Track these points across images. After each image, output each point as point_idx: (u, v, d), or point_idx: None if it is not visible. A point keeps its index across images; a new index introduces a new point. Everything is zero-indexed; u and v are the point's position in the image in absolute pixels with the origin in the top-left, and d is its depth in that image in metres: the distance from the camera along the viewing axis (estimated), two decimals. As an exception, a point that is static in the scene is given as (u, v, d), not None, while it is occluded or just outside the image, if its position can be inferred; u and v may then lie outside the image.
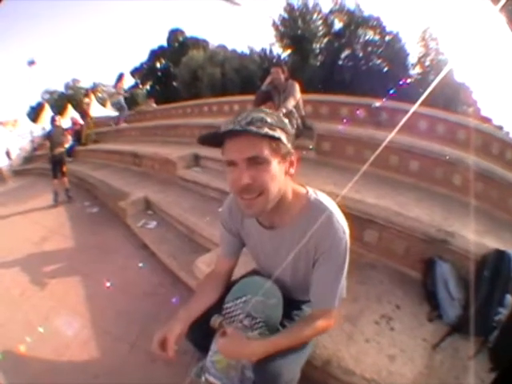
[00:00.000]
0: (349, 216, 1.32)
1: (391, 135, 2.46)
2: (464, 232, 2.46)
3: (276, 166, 1.17)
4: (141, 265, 3.80)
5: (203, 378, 1.38)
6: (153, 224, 4.60)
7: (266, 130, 1.12)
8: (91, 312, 3.19)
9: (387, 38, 19.88)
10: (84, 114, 11.25)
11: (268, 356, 1.24)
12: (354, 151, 4.32)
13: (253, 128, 1.10)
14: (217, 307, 1.47)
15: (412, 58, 20.22)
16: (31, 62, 14.54)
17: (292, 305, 1.55)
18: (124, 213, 5.03)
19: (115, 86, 10.55)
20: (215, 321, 1.33)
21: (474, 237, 2.43)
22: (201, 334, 1.41)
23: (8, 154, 13.71)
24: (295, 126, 4.53)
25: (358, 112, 5.50)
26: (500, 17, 1.25)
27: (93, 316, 3.13)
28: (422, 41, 20.06)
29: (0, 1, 1.63)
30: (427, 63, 19.96)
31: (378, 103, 5.39)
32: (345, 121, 5.34)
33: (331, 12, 20.94)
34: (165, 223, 4.58)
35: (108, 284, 3.55)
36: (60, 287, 3.67)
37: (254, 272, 1.70)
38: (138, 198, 5.18)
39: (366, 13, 20.21)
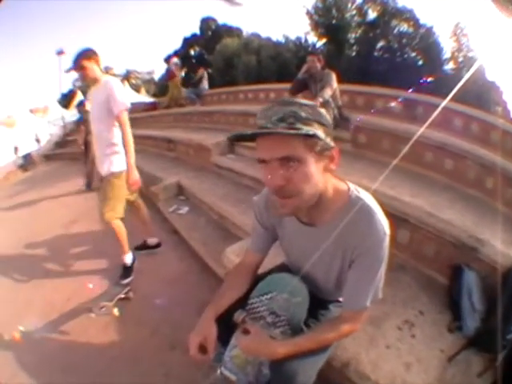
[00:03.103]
0: (385, 213, 1.26)
1: (421, 130, 2.42)
2: (494, 241, 2.36)
3: (312, 165, 1.10)
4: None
5: (218, 371, 1.38)
6: (184, 210, 4.65)
7: (298, 126, 1.06)
8: None
9: (421, 30, 19.82)
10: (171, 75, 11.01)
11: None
12: (390, 145, 4.21)
13: (285, 126, 1.05)
14: (241, 301, 1.47)
15: (447, 53, 19.95)
16: (60, 52, 14.79)
17: (319, 304, 1.53)
18: (156, 197, 5.08)
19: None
20: (238, 316, 1.33)
21: (503, 247, 2.34)
22: (222, 327, 1.39)
23: (37, 140, 14.08)
24: (332, 117, 4.44)
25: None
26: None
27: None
28: (454, 36, 19.69)
29: (0, 0, 1.64)
30: (460, 59, 19.59)
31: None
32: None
33: (365, 1, 21.10)
34: (197, 209, 4.61)
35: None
36: (85, 270, 3.72)
37: (283, 267, 1.67)
38: (170, 183, 5.25)
39: (400, 4, 20.22)
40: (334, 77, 4.80)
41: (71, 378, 2.38)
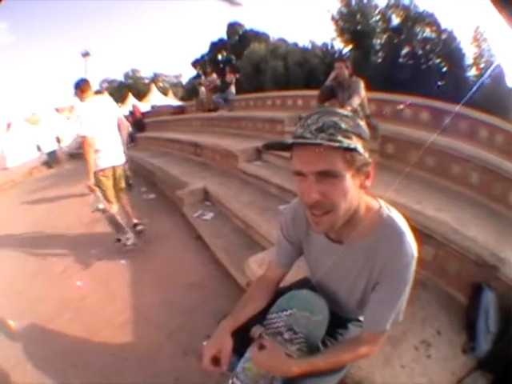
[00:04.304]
0: (411, 229, 1.22)
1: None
2: (512, 258, 2.27)
3: (349, 181, 1.06)
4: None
5: (230, 382, 1.37)
6: (209, 215, 4.67)
7: (339, 138, 1.01)
8: (133, 297, 3.27)
9: (443, 36, 19.67)
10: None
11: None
12: (417, 156, 3.92)
13: (324, 137, 1.01)
14: (260, 315, 1.46)
15: (469, 59, 19.64)
16: (85, 54, 15.07)
17: (338, 322, 1.50)
18: (181, 202, 5.13)
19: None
20: (256, 331, 1.31)
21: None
22: (238, 339, 1.38)
23: (58, 139, 14.35)
24: None
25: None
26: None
27: (134, 301, 3.19)
28: (475, 41, 19.30)
29: (0, 1, 1.66)
30: (482, 65, 19.17)
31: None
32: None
33: (388, 7, 21.14)
34: (222, 216, 4.62)
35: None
36: (105, 269, 3.78)
37: (305, 281, 1.63)
38: (196, 188, 5.30)
39: (421, 8, 20.19)
40: (362, 85, 4.71)
41: (79, 374, 2.44)
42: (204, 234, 4.21)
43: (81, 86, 4.22)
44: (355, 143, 1.04)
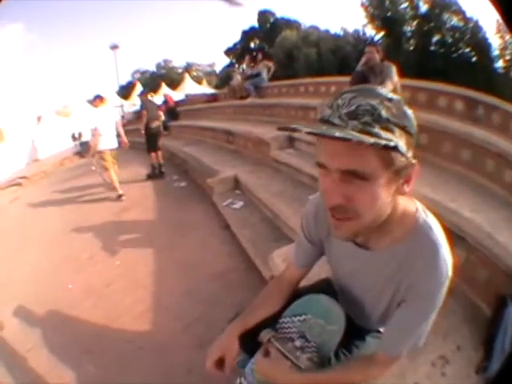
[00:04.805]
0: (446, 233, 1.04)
1: None
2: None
3: (383, 185, 0.84)
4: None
5: (238, 381, 1.36)
6: (239, 204, 4.63)
7: (376, 130, 0.78)
8: (156, 286, 3.31)
9: (470, 24, 19.61)
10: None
11: None
12: (452, 149, 3.79)
13: (356, 127, 0.78)
14: (272, 317, 1.38)
15: (496, 50, 19.54)
16: (114, 47, 15.28)
17: (355, 333, 1.38)
18: (211, 190, 5.14)
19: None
20: (265, 336, 1.25)
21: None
22: (249, 339, 1.32)
23: (80, 134, 14.71)
24: None
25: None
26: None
27: (156, 290, 3.21)
28: (499, 32, 18.74)
29: (0, 1, 1.64)
30: (507, 57, 18.87)
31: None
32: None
33: None
34: (251, 205, 4.56)
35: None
36: (130, 257, 3.81)
37: (326, 283, 1.53)
38: (226, 176, 5.29)
39: None
40: (394, 70, 4.57)
41: (94, 360, 2.49)
42: (232, 224, 4.18)
43: (96, 99, 7.03)
44: (397, 139, 0.80)
